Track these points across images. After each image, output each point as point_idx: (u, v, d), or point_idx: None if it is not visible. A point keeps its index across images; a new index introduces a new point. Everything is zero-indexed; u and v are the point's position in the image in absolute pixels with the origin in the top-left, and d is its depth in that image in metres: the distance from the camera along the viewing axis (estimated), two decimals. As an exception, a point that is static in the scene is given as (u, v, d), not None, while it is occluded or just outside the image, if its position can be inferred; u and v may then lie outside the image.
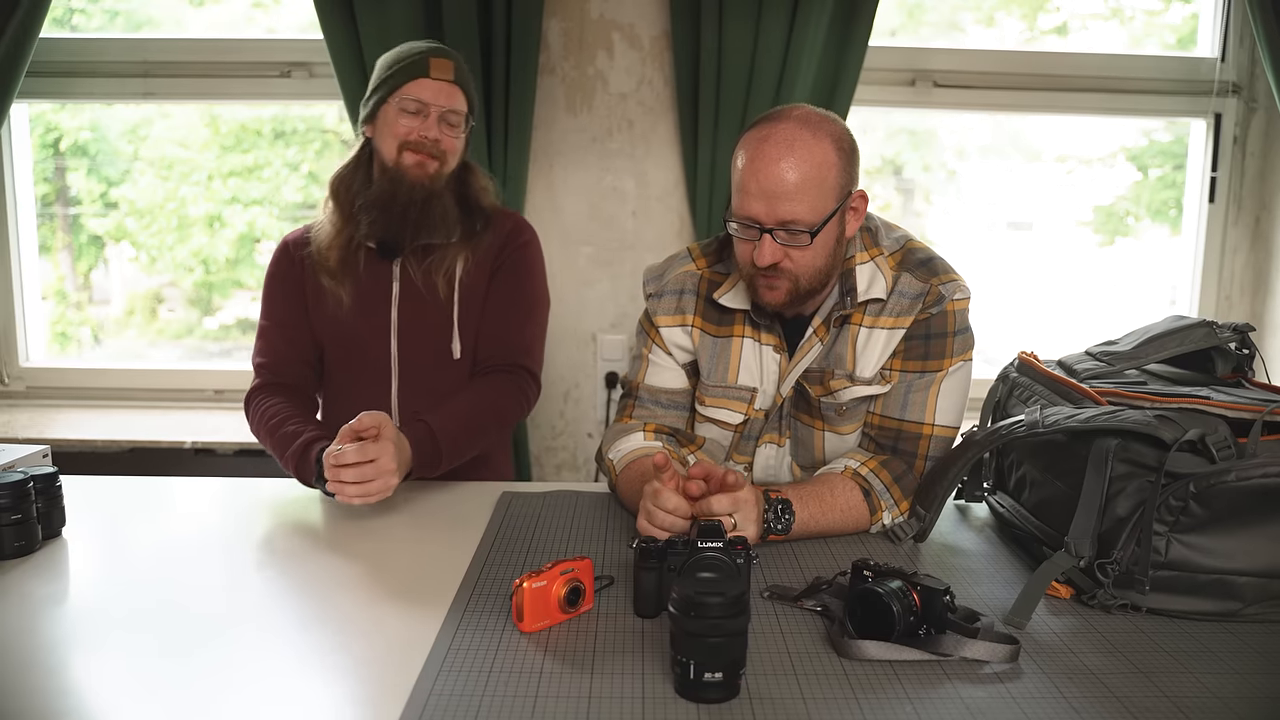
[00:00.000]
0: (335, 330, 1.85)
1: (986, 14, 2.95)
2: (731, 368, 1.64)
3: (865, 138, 2.23)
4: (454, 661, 1.09)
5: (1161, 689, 1.05)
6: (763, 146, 1.44)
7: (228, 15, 2.93)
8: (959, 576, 1.36)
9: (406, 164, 1.78)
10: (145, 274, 3.17)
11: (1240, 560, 1.18)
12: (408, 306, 1.84)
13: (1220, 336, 1.40)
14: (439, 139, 1.79)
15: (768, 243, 1.45)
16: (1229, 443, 1.16)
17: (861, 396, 1.58)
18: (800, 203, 1.43)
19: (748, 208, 1.46)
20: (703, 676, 0.99)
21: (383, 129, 1.80)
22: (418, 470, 1.61)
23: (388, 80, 1.79)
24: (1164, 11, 2.93)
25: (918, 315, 1.54)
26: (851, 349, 1.57)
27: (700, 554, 1.16)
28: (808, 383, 1.61)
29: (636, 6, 2.57)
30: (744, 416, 1.65)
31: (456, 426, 1.69)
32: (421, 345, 1.85)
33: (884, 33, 2.87)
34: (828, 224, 1.46)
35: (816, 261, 1.49)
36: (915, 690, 1.04)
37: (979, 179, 3.09)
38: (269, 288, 1.90)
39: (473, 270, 1.84)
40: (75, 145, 3.01)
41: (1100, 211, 3.10)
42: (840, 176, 1.46)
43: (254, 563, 1.44)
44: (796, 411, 1.65)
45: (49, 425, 2.62)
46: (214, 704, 1.02)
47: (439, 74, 1.78)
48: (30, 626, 1.19)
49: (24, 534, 1.41)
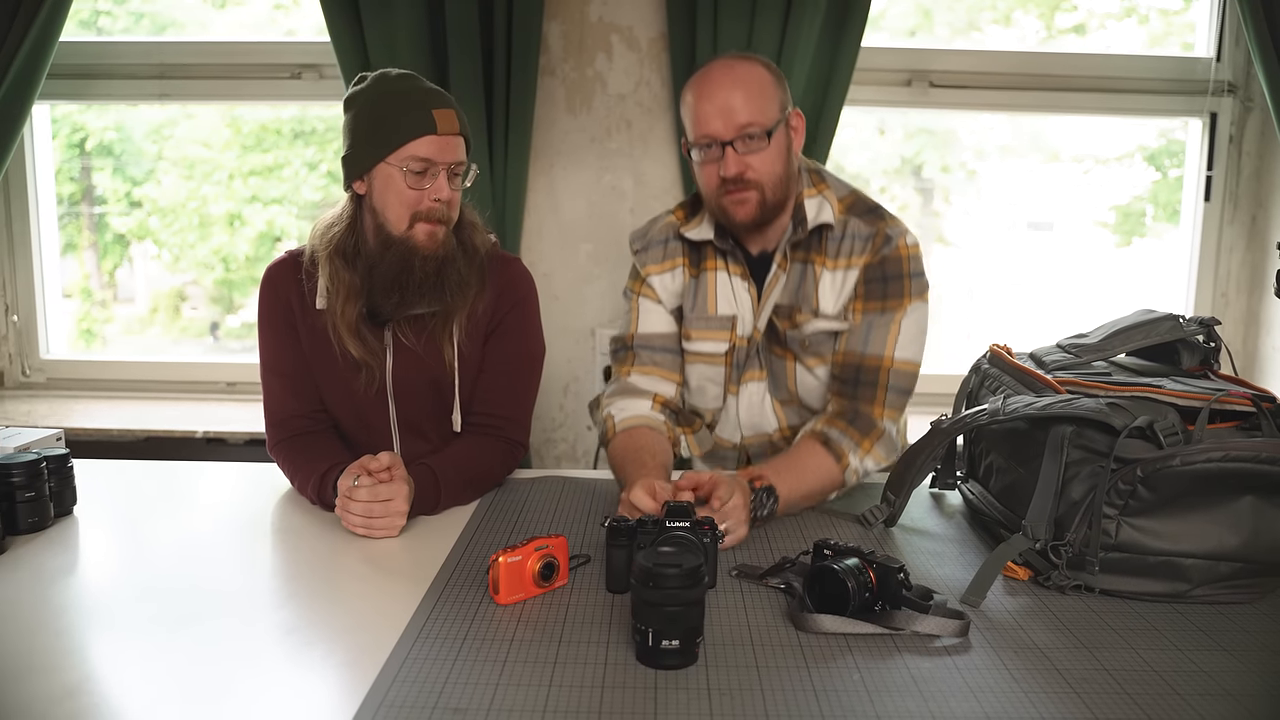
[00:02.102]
0: (334, 386, 1.76)
1: (1004, 13, 2.98)
2: (710, 299, 1.80)
3: (883, 139, 2.28)
4: (431, 629, 1.15)
5: (1102, 662, 1.10)
6: (708, 75, 1.67)
7: (250, 16, 3.01)
8: (926, 559, 1.41)
9: (419, 238, 1.64)
10: (168, 272, 3.25)
11: (1187, 543, 1.22)
12: (403, 376, 1.74)
13: (1186, 329, 1.44)
14: (450, 200, 1.66)
15: (730, 154, 1.64)
16: (1176, 429, 1.21)
17: (824, 330, 1.72)
18: (750, 110, 1.63)
19: (706, 127, 1.65)
20: (660, 644, 1.06)
21: (385, 193, 1.63)
22: (415, 510, 1.56)
23: (386, 137, 1.61)
24: (1184, 10, 2.94)
25: (869, 258, 1.70)
26: (815, 288, 1.72)
27: (667, 532, 1.23)
28: (777, 318, 1.76)
29: (634, 9, 2.63)
30: (728, 344, 1.79)
31: (457, 477, 1.64)
32: (421, 414, 1.78)
33: (902, 32, 2.92)
34: (776, 132, 1.65)
35: (775, 168, 1.67)
36: (865, 661, 1.09)
37: (998, 179, 3.11)
38: (263, 329, 1.78)
39: (469, 333, 1.74)
40: (101, 145, 3.09)
41: (1117, 211, 3.13)
42: (776, 90, 1.68)
43: (256, 540, 1.52)
44: (770, 345, 1.79)
45: (68, 415, 2.71)
46: (213, 665, 1.09)
47: (445, 128, 1.61)
48: (42, 597, 1.27)
49: (37, 510, 1.49)
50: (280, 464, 1.74)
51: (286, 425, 1.76)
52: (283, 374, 1.77)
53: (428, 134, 1.60)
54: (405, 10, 2.45)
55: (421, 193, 1.62)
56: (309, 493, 1.64)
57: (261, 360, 1.78)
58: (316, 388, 1.77)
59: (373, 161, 1.63)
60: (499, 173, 2.56)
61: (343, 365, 1.71)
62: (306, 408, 1.77)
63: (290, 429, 1.76)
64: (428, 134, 1.60)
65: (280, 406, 1.77)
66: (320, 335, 1.71)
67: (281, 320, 1.75)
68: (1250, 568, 1.23)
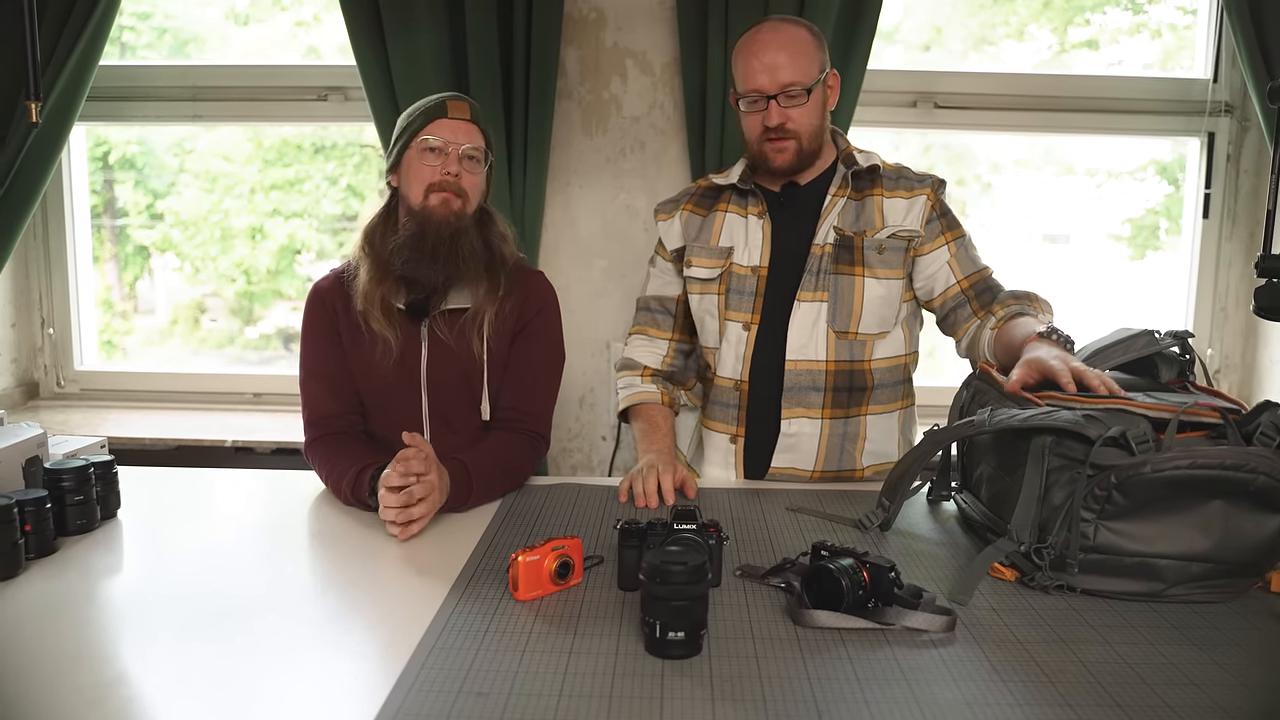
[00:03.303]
0: (371, 380, 1.89)
1: (1016, 28, 3.05)
2: (714, 233, 2.03)
3: (899, 154, 2.36)
4: (455, 623, 1.25)
5: (1079, 656, 1.18)
6: (758, 35, 1.90)
7: (271, 32, 3.09)
8: (919, 561, 1.50)
9: (433, 205, 1.83)
10: (189, 284, 3.31)
11: (1160, 544, 1.31)
12: (436, 367, 1.89)
13: (1161, 343, 1.53)
14: (460, 175, 1.85)
15: (774, 107, 1.87)
16: (1148, 438, 1.29)
17: (896, 235, 1.94)
18: (794, 69, 1.85)
19: (753, 82, 1.87)
20: (667, 635, 1.15)
21: (407, 175, 1.86)
22: (447, 506, 1.68)
23: (408, 128, 1.86)
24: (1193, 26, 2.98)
25: (931, 192, 1.96)
26: (879, 212, 1.95)
27: (675, 534, 1.32)
28: (842, 236, 1.94)
29: (648, 35, 2.73)
30: (720, 269, 1.99)
31: (488, 471, 1.77)
32: (451, 405, 1.91)
33: (917, 47, 3.00)
34: (815, 89, 1.88)
35: (813, 120, 1.90)
36: (858, 653, 1.18)
37: (1013, 192, 3.16)
38: (306, 337, 1.93)
39: (497, 332, 1.89)
40: (124, 158, 3.16)
41: (1131, 224, 3.18)
42: (817, 52, 1.90)
43: (289, 542, 1.63)
44: (837, 265, 1.93)
45: (102, 424, 2.82)
46: (252, 655, 1.19)
47: (456, 114, 1.85)
48: (89, 594, 1.38)
49: (84, 513, 1.60)
50: (315, 463, 1.85)
51: (323, 424, 1.89)
52: (322, 376, 1.91)
53: (439, 118, 1.85)
54: (428, 36, 2.55)
55: (434, 168, 1.84)
56: (343, 490, 1.74)
57: (301, 367, 1.93)
58: (354, 390, 1.91)
59: (400, 152, 1.88)
60: (518, 191, 2.66)
61: (379, 355, 1.86)
62: (343, 408, 1.90)
63: (327, 428, 1.88)
64: (439, 118, 1.85)
65: (319, 405, 1.90)
66: (358, 331, 1.87)
67: (325, 327, 1.92)
68: (1221, 568, 1.31)
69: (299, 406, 1.93)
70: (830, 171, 1.99)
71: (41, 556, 1.48)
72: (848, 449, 1.96)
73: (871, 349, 1.94)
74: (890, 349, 1.96)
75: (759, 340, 1.96)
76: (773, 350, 1.95)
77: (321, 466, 1.83)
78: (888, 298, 1.93)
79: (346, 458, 1.77)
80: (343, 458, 1.78)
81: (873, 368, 1.95)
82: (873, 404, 1.96)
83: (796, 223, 1.97)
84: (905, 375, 2.02)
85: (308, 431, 1.90)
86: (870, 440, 1.97)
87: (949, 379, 2.86)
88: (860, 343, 1.93)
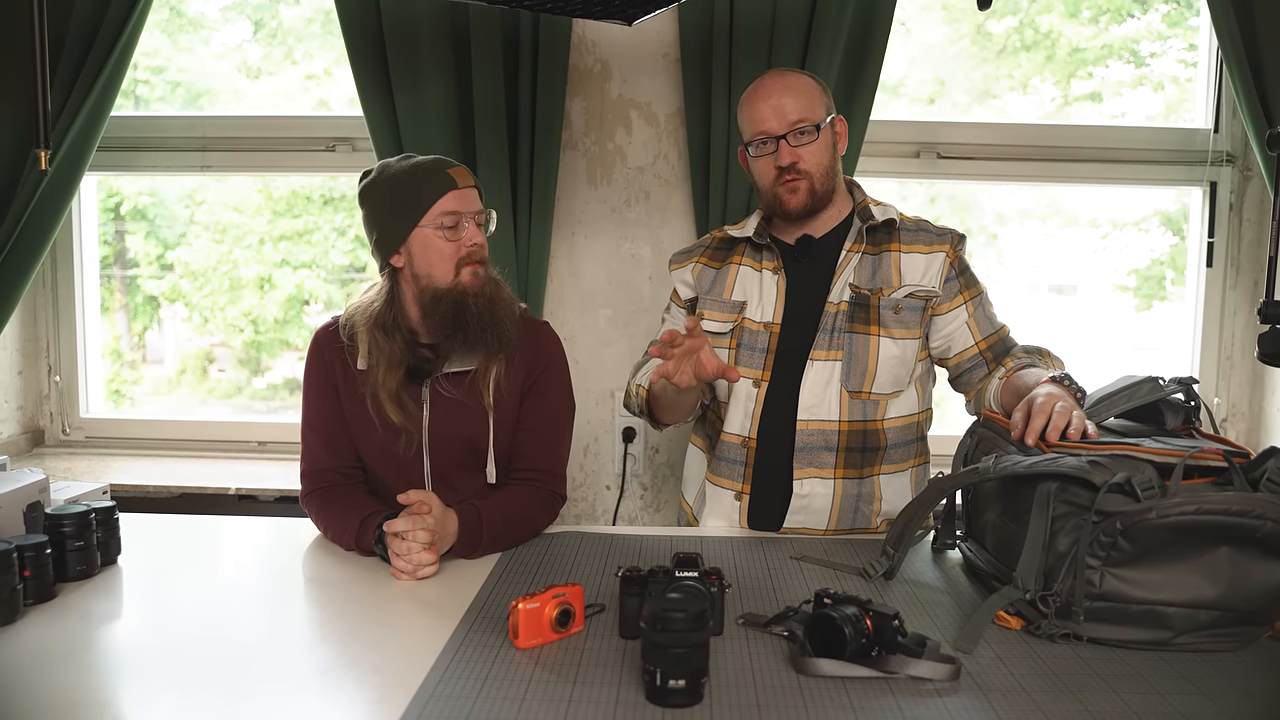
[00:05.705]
0: (369, 439, 1.85)
1: (1020, 81, 3.09)
2: (727, 286, 2.01)
3: (905, 204, 2.38)
4: (455, 670, 1.24)
5: (1085, 705, 1.17)
6: (762, 83, 1.93)
7: (282, 85, 3.13)
8: (923, 609, 1.48)
9: (466, 280, 1.77)
10: (198, 334, 3.33)
11: (1167, 592, 1.29)
12: (439, 428, 1.84)
13: (1165, 389, 1.52)
14: (483, 243, 1.81)
15: (784, 146, 1.88)
16: (1153, 484, 1.29)
17: (913, 295, 1.92)
18: (801, 108, 1.88)
19: (761, 125, 1.89)
20: (668, 683, 1.13)
21: (426, 254, 1.77)
22: (457, 551, 1.68)
23: (414, 205, 1.76)
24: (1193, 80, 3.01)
25: (950, 248, 1.94)
26: (896, 269, 1.93)
27: (676, 581, 1.31)
28: (858, 294, 1.92)
29: (653, 87, 2.77)
30: (732, 324, 1.97)
31: (501, 521, 1.74)
32: (453, 466, 1.86)
33: (922, 100, 3.03)
34: (824, 128, 1.90)
35: (824, 160, 1.91)
36: (861, 702, 1.17)
37: (1020, 243, 3.17)
38: (306, 386, 1.90)
39: (506, 390, 1.85)
40: (135, 209, 3.19)
41: (1137, 275, 3.18)
42: (822, 96, 1.93)
43: (289, 589, 1.62)
44: (852, 324, 1.90)
45: (106, 471, 2.82)
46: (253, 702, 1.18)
47: (464, 182, 1.79)
48: (89, 640, 1.37)
49: (85, 559, 1.59)
50: (312, 514, 1.84)
51: (318, 477, 1.87)
52: (319, 430, 1.89)
53: (450, 190, 1.77)
54: (434, 87, 2.59)
55: (458, 242, 1.77)
56: (347, 538, 1.73)
57: (303, 418, 1.91)
58: (350, 445, 1.88)
59: (406, 231, 1.77)
60: (523, 240, 2.68)
61: (380, 428, 1.82)
62: (338, 462, 1.88)
63: (321, 481, 1.87)
64: (450, 190, 1.77)
65: (314, 459, 1.88)
66: (359, 398, 1.82)
67: (324, 380, 1.88)
68: (1230, 615, 1.30)
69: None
70: (846, 224, 1.98)
71: (40, 602, 1.48)
72: (862, 509, 1.92)
73: (885, 409, 1.92)
74: (903, 408, 1.94)
75: (769, 397, 1.93)
76: (783, 408, 1.92)
77: (319, 517, 1.83)
78: (902, 357, 1.91)
79: (349, 507, 1.77)
80: (344, 507, 1.78)
81: (885, 427, 1.92)
82: (886, 463, 1.93)
83: (811, 278, 1.95)
84: (919, 434, 2.00)
85: (303, 483, 1.89)
86: (885, 500, 1.93)
87: (954, 428, 2.85)
88: (874, 402, 1.91)
